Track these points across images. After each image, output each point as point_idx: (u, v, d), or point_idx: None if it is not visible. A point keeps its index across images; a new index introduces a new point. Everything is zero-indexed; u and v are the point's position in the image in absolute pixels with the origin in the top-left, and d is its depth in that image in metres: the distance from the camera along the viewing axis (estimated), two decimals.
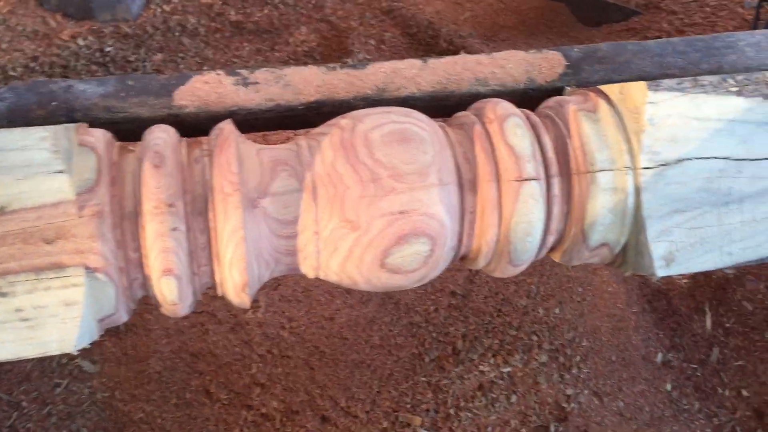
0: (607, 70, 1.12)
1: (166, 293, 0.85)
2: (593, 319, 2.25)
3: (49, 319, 0.79)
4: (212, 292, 0.93)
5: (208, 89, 1.03)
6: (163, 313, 0.91)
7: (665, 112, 0.92)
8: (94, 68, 2.84)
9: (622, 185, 0.93)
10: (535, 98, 1.10)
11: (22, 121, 0.97)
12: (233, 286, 0.87)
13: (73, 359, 2.04)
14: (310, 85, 1.06)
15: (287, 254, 0.91)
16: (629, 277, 2.33)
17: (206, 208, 0.85)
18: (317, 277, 0.95)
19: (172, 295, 0.85)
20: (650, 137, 0.92)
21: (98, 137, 0.88)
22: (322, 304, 2.21)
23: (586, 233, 0.96)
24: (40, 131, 0.80)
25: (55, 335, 0.80)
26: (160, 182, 0.83)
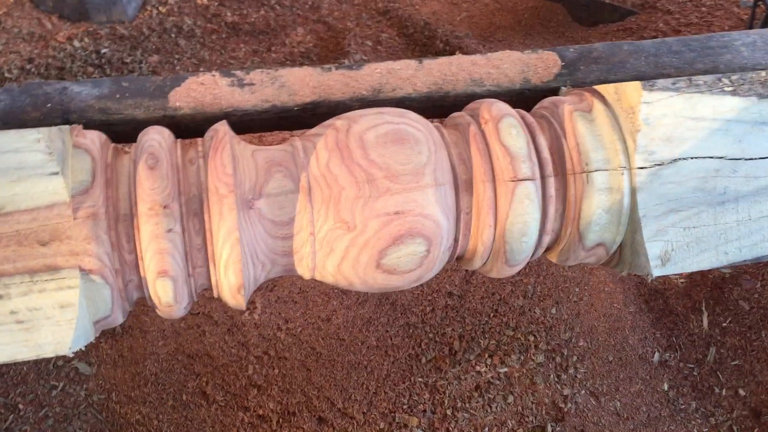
0: (602, 70, 1.12)
1: (161, 295, 0.85)
2: (590, 319, 2.25)
3: (44, 321, 0.79)
4: (208, 293, 0.92)
5: (203, 90, 1.03)
6: (159, 314, 0.90)
7: (660, 111, 0.92)
8: (90, 70, 2.83)
9: (617, 185, 0.93)
10: (530, 98, 1.10)
11: (17, 123, 0.97)
12: (229, 287, 0.87)
13: (69, 361, 2.04)
14: (305, 86, 1.06)
15: (283, 255, 0.91)
16: (626, 276, 2.34)
17: (201, 209, 0.85)
18: (313, 278, 0.95)
19: (167, 296, 0.85)
20: (645, 137, 0.92)
21: (93, 139, 0.88)
22: (318, 305, 2.21)
23: (581, 233, 0.96)
24: (34, 133, 0.80)
25: (50, 337, 0.79)
26: (155, 184, 0.83)
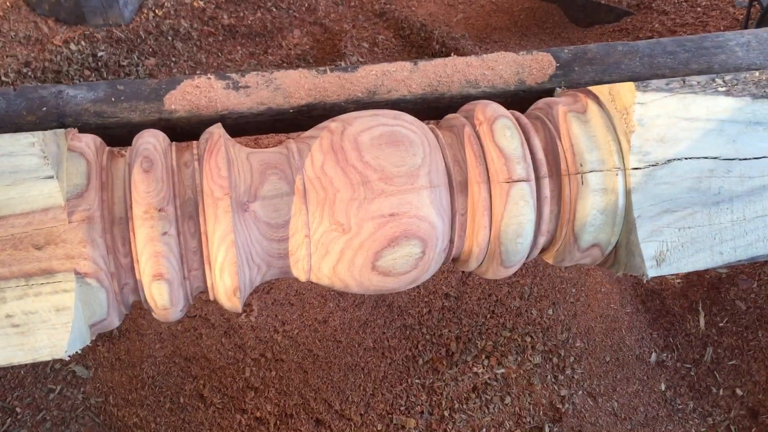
0: (597, 71, 1.12)
1: (157, 298, 0.85)
2: (587, 319, 2.25)
3: (39, 324, 0.79)
4: (205, 296, 0.92)
5: (198, 93, 1.03)
6: (155, 317, 0.90)
7: (654, 112, 0.92)
8: (86, 73, 2.83)
9: (612, 186, 0.93)
10: (525, 100, 1.10)
11: (12, 126, 0.97)
12: (224, 290, 0.87)
13: (66, 365, 2.04)
14: (300, 88, 1.06)
15: (278, 257, 0.91)
16: (622, 277, 2.34)
17: (197, 212, 0.85)
18: (309, 280, 0.95)
19: (163, 299, 0.85)
20: (639, 138, 0.92)
21: (88, 142, 0.88)
22: (315, 307, 2.21)
23: (577, 234, 0.96)
24: (28, 137, 0.79)
25: (46, 341, 0.79)
26: (150, 187, 0.83)
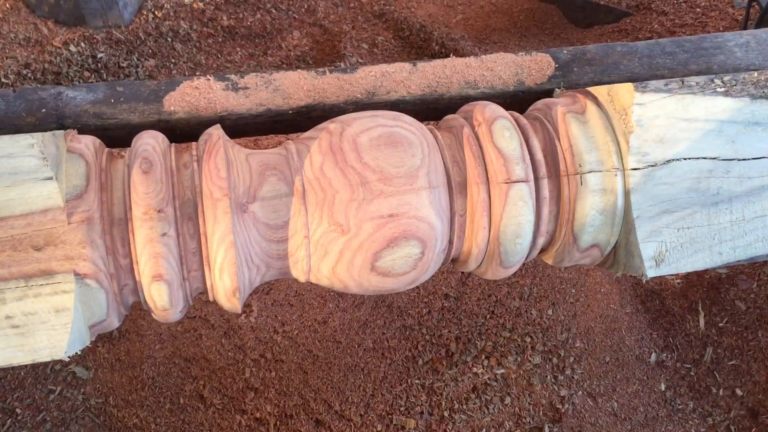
0: (596, 71, 1.12)
1: (156, 299, 0.85)
2: (586, 320, 2.25)
3: (39, 325, 0.79)
4: (205, 297, 0.93)
5: (198, 95, 1.03)
6: (155, 318, 0.90)
7: (653, 113, 0.92)
8: (86, 74, 2.83)
9: (611, 186, 0.94)
10: (524, 100, 1.11)
11: (12, 128, 0.97)
12: (224, 290, 0.87)
13: (66, 366, 2.04)
14: (299, 89, 1.06)
15: (278, 258, 0.91)
16: (622, 277, 2.34)
17: (196, 213, 0.85)
18: (309, 281, 0.95)
19: (162, 300, 0.85)
20: (638, 138, 0.92)
21: (87, 144, 0.88)
22: (314, 307, 2.21)
23: (576, 235, 0.97)
24: (27, 138, 0.80)
25: (45, 342, 0.80)
26: (149, 188, 0.83)
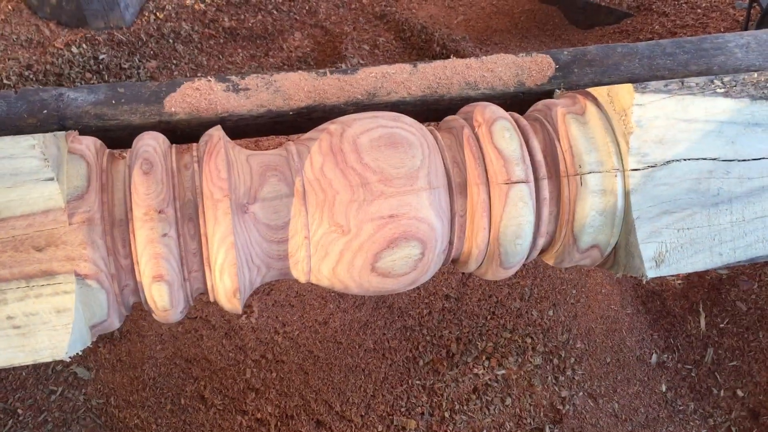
0: (596, 72, 1.12)
1: (157, 299, 0.85)
2: (587, 320, 2.25)
3: (40, 326, 0.80)
4: (206, 297, 0.93)
5: (198, 96, 1.03)
6: (155, 319, 0.91)
7: (652, 113, 0.92)
8: (88, 76, 2.84)
9: (611, 187, 0.94)
10: (525, 101, 1.11)
11: (13, 129, 0.98)
12: (224, 291, 0.87)
13: (67, 366, 2.04)
14: (300, 90, 1.06)
15: (278, 259, 0.91)
16: (622, 278, 2.34)
17: (196, 213, 0.85)
18: (309, 281, 0.95)
19: (163, 301, 0.85)
20: (638, 139, 0.92)
21: (88, 145, 0.89)
22: (315, 308, 2.21)
23: (576, 235, 0.97)
24: (28, 139, 0.80)
25: (46, 342, 0.80)
26: (149, 189, 0.83)
